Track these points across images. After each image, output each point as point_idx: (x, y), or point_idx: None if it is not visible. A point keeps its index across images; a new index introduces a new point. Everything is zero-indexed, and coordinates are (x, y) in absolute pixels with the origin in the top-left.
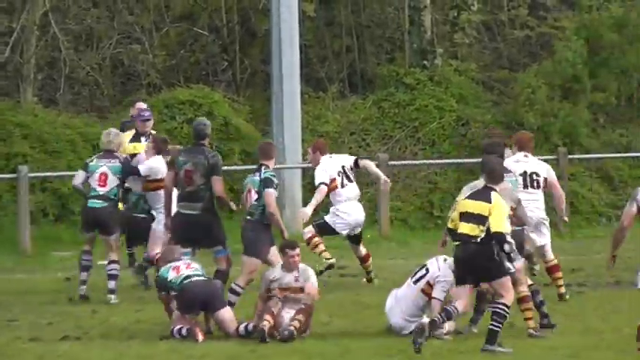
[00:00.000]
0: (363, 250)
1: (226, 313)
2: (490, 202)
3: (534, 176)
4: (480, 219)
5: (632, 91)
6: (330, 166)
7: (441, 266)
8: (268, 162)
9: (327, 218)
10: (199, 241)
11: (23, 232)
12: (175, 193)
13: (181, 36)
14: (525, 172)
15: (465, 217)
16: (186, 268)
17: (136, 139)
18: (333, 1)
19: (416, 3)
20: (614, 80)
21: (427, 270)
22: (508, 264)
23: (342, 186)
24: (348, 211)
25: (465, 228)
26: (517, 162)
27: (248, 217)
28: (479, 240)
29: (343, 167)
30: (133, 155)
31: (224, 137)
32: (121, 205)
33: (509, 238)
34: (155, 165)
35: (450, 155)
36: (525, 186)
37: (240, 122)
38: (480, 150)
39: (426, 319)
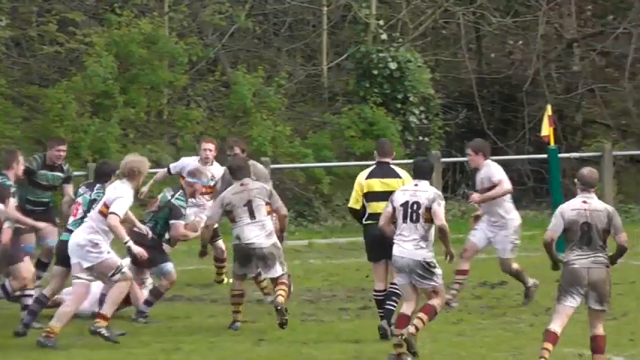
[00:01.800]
0: None
1: None
2: (400, 177)
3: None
4: None
5: (162, 107)
6: None
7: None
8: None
9: None
10: None
11: None
12: None
13: None
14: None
15: (377, 196)
16: None
17: None
18: None
19: None
20: (144, 96)
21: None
22: None
23: None
24: None
25: (381, 207)
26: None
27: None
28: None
29: None
30: None
31: None
32: None
33: None
34: None
35: None
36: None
37: None
38: None
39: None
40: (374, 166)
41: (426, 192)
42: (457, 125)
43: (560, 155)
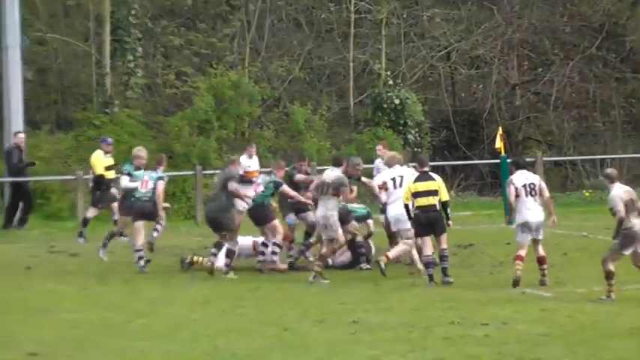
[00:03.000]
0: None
1: None
2: (435, 180)
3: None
4: (434, 193)
5: (244, 130)
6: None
7: None
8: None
9: None
10: None
11: None
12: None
13: None
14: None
15: (421, 194)
16: None
17: None
18: (45, 69)
19: (100, 70)
20: (233, 122)
21: None
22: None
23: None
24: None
25: (425, 201)
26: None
27: None
28: (437, 208)
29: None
30: None
31: None
32: None
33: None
34: None
35: None
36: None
37: None
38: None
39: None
40: (418, 174)
41: (535, 176)
42: (440, 141)
43: (508, 160)
